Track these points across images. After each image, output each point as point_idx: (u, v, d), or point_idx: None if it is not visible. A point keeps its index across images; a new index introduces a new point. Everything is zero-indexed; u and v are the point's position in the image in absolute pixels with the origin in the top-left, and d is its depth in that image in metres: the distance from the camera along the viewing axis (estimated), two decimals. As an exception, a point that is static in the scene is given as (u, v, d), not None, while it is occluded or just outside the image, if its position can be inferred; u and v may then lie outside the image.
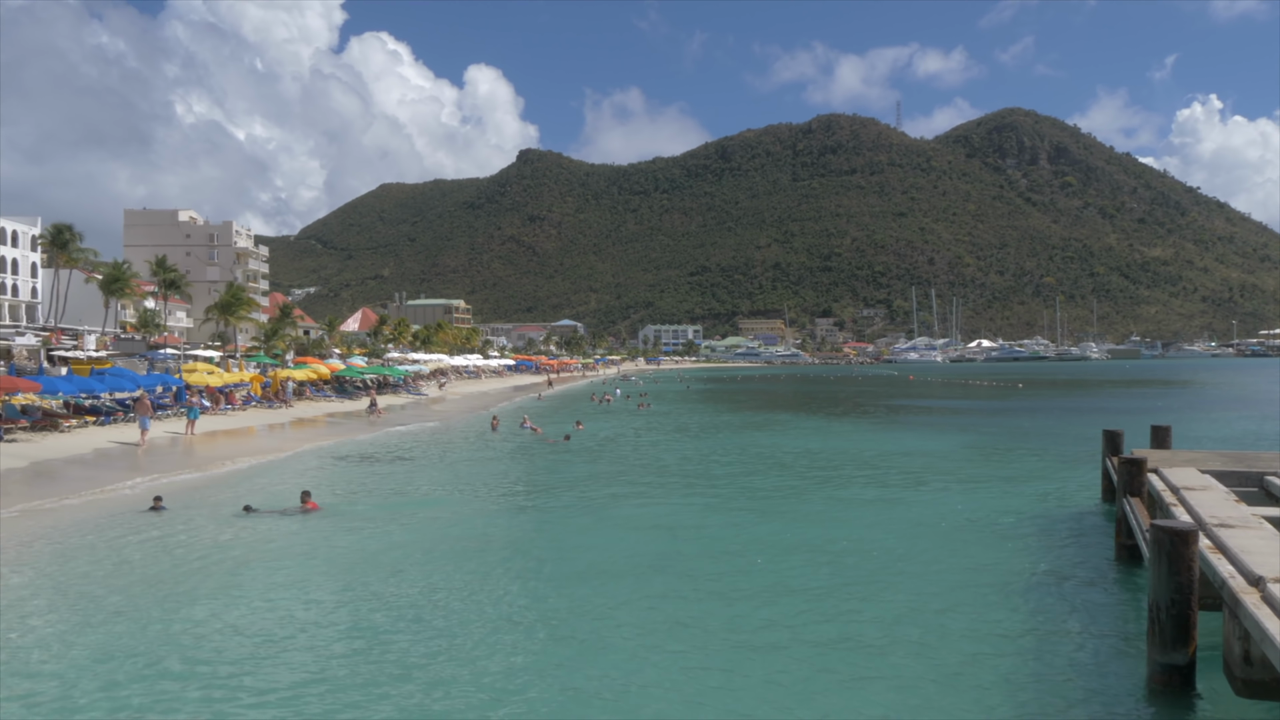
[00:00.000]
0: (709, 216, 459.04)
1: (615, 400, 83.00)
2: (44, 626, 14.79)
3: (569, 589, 17.27)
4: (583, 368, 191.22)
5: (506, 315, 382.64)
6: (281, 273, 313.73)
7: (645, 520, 24.67)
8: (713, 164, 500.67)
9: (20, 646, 13.79)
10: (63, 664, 13.02)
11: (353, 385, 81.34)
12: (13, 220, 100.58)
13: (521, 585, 17.61)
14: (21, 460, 33.65)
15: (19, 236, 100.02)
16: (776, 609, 15.83)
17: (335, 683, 12.38)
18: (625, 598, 16.59)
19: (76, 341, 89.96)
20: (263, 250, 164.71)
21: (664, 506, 27.14)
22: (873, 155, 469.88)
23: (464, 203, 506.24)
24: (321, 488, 28.60)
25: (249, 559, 19.91)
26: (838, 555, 20.21)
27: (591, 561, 19.65)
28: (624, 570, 18.78)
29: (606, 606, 15.95)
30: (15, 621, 15.09)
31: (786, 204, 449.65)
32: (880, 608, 15.94)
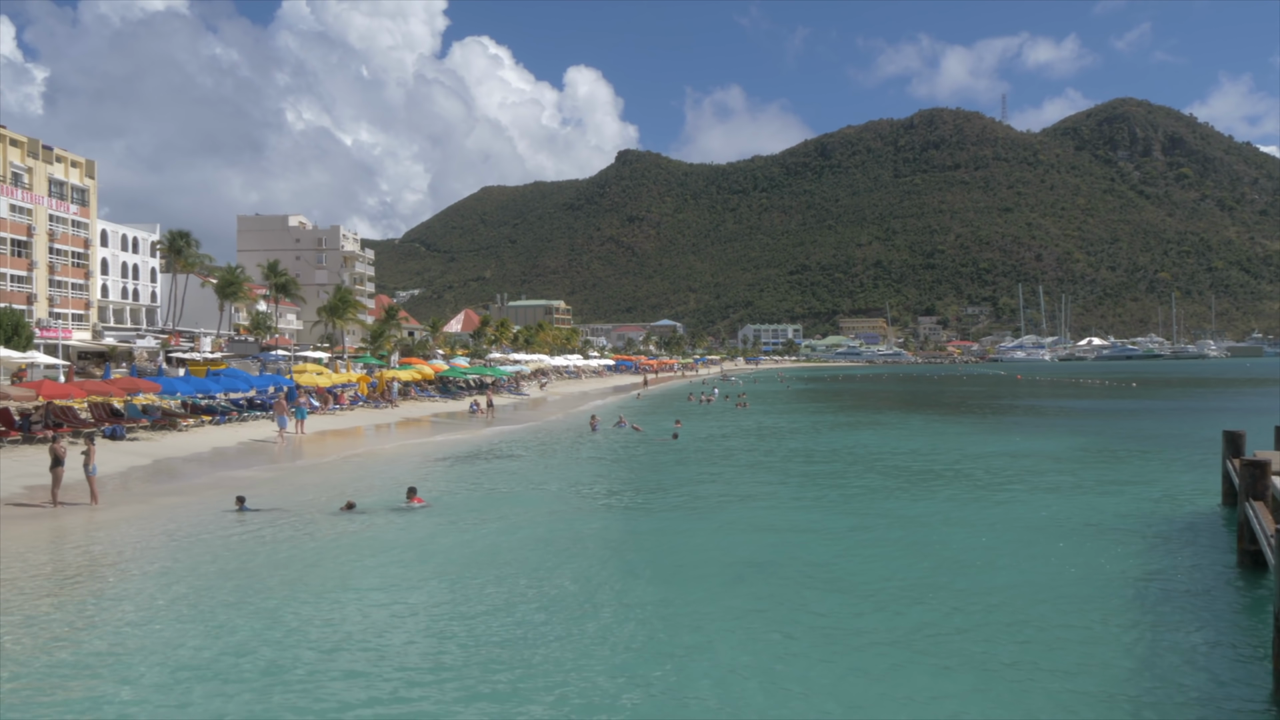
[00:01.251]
0: (809, 215, 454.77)
1: (714, 400, 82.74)
2: (163, 620, 15.29)
3: (674, 589, 17.22)
4: (682, 368, 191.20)
5: (606, 316, 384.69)
6: (387, 275, 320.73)
7: (748, 520, 24.51)
8: (812, 161, 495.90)
9: (141, 638, 14.28)
10: (179, 656, 13.43)
11: (456, 385, 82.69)
12: (134, 227, 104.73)
13: (626, 584, 17.61)
14: (145, 458, 35.01)
15: (139, 243, 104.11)
16: (883, 611, 15.55)
17: (440, 678, 12.53)
18: (729, 598, 16.48)
19: (193, 343, 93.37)
20: (369, 253, 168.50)
21: (766, 506, 26.94)
22: (977, 150, 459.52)
23: (564, 204, 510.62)
24: (426, 485, 29.08)
25: (357, 554, 20.33)
26: (945, 558, 19.78)
27: (695, 561, 19.58)
28: (728, 570, 18.66)
29: (712, 607, 15.86)
30: (136, 614, 15.66)
31: (888, 200, 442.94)
32: (989, 613, 15.54)
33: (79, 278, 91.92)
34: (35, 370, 56.95)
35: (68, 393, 39.12)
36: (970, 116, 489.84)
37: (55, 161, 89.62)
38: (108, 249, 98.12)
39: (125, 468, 32.47)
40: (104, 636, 14.38)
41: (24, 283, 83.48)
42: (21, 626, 14.87)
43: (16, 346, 58.19)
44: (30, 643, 14.01)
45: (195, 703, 11.71)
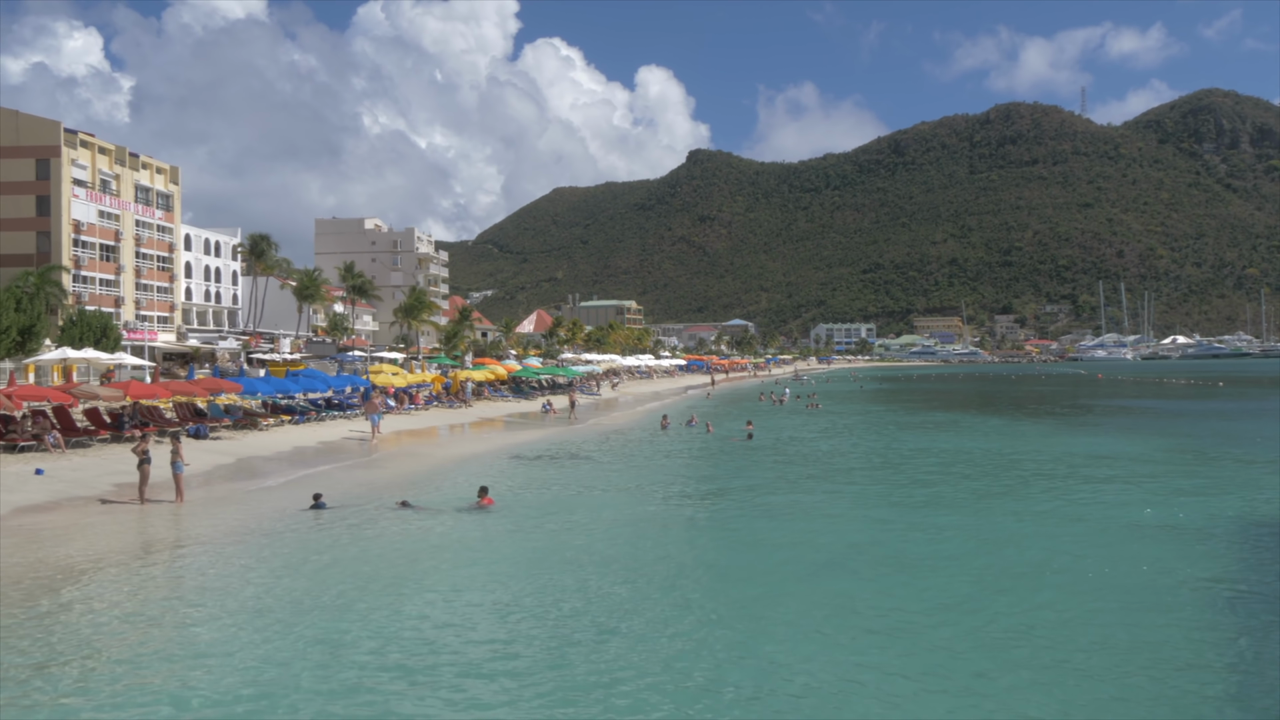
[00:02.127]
0: (882, 212, 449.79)
1: (787, 400, 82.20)
2: (243, 613, 15.59)
3: (752, 589, 17.10)
4: (754, 367, 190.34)
5: (677, 315, 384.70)
6: (460, 276, 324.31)
7: (825, 521, 24.29)
8: (885, 159, 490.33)
9: (222, 630, 14.58)
10: (255, 648, 13.67)
11: (529, 386, 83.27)
12: (217, 232, 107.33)
13: (703, 585, 17.51)
14: (229, 457, 35.83)
15: (221, 247, 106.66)
16: (961, 613, 15.27)
17: (513, 679, 12.56)
18: (807, 599, 16.32)
19: (273, 345, 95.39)
20: (442, 255, 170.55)
21: (842, 507, 26.66)
22: (1055, 144, 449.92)
23: (635, 204, 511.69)
24: (498, 485, 29.28)
25: (427, 553, 20.54)
26: (1027, 562, 19.37)
27: (769, 562, 19.44)
28: (806, 571, 18.50)
29: (790, 608, 15.72)
30: (218, 607, 15.99)
31: (963, 197, 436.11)
32: (1074, 624, 15.14)
33: (164, 281, 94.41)
34: (123, 371, 58.61)
35: (154, 393, 40.17)
36: (1048, 110, 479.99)
37: (141, 168, 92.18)
38: (191, 253, 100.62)
39: (210, 466, 33.23)
40: (187, 628, 14.70)
41: (112, 286, 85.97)
42: (111, 618, 15.28)
43: (105, 348, 59.91)
44: (118, 633, 14.37)
45: (270, 694, 11.89)
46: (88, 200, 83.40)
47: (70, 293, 75.89)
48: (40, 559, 19.52)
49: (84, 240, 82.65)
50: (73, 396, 36.08)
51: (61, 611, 15.79)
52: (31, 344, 56.31)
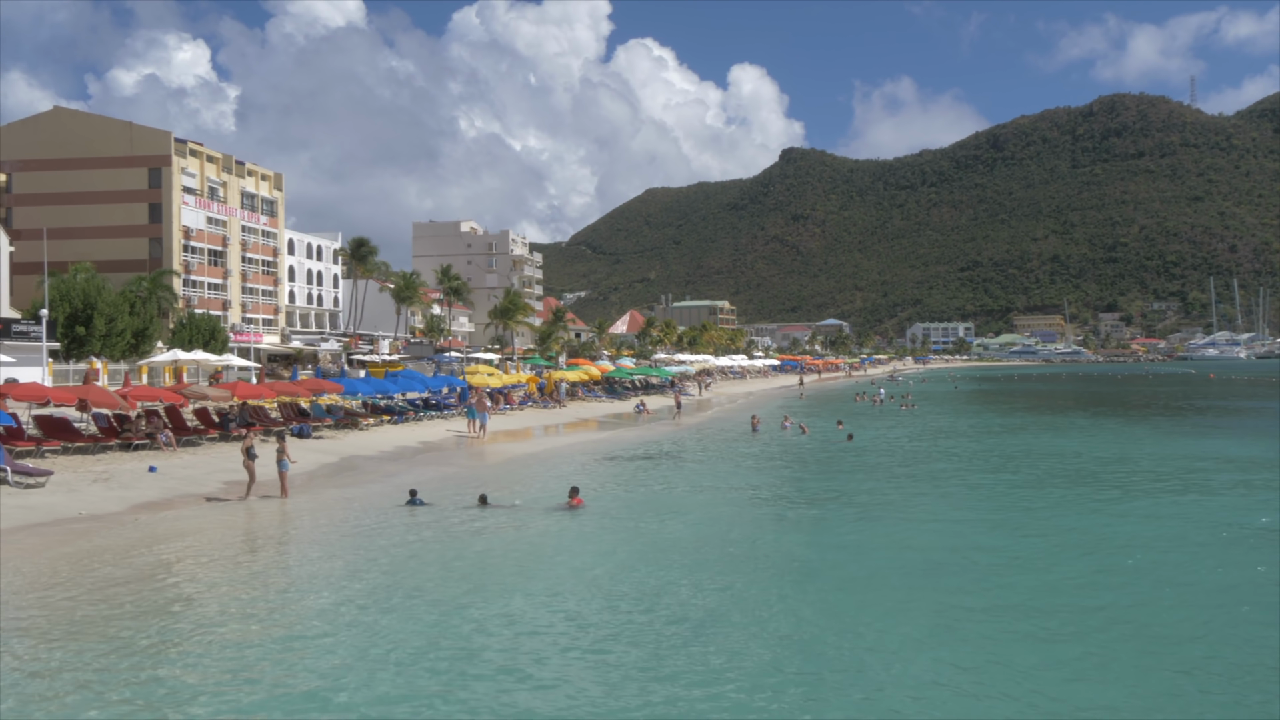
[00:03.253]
0: (980, 209, 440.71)
1: (882, 401, 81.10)
2: (349, 609, 15.96)
3: (850, 594, 16.91)
4: (848, 367, 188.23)
5: (771, 315, 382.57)
6: (554, 278, 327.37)
7: (924, 523, 23.89)
8: (983, 154, 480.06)
9: (323, 624, 14.95)
10: (363, 643, 13.99)
11: (622, 386, 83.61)
12: (318, 236, 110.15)
13: (799, 589, 17.38)
14: (332, 455, 36.76)
15: (323, 250, 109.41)
16: (1062, 618, 14.89)
17: (607, 680, 12.64)
18: (906, 603, 16.07)
19: (372, 346, 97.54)
20: (537, 257, 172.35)
21: (942, 510, 26.20)
22: (1163, 136, 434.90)
23: (727, 204, 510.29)
24: (590, 485, 29.45)
25: (517, 551, 20.77)
26: (1135, 572, 18.77)
27: (861, 567, 19.20)
28: (905, 574, 18.21)
29: (888, 612, 15.50)
30: (320, 601, 16.42)
31: (1065, 192, 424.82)
32: (1187, 642, 14.66)
33: (269, 285, 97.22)
34: (230, 372, 60.50)
35: (260, 393, 41.39)
36: (1155, 101, 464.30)
37: (247, 175, 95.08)
38: (294, 257, 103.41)
39: (315, 465, 34.12)
40: (290, 623, 15.10)
41: (220, 290, 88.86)
42: (218, 611, 15.80)
43: (214, 350, 61.99)
44: (224, 626, 14.85)
45: (367, 686, 12.14)
46: (196, 207, 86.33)
47: (180, 297, 78.68)
48: (154, 553, 20.28)
49: (193, 246, 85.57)
50: (183, 397, 37.34)
51: (172, 604, 16.38)
52: (145, 346, 58.58)
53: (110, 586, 17.22)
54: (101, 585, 17.30)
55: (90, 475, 28.26)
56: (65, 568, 18.70)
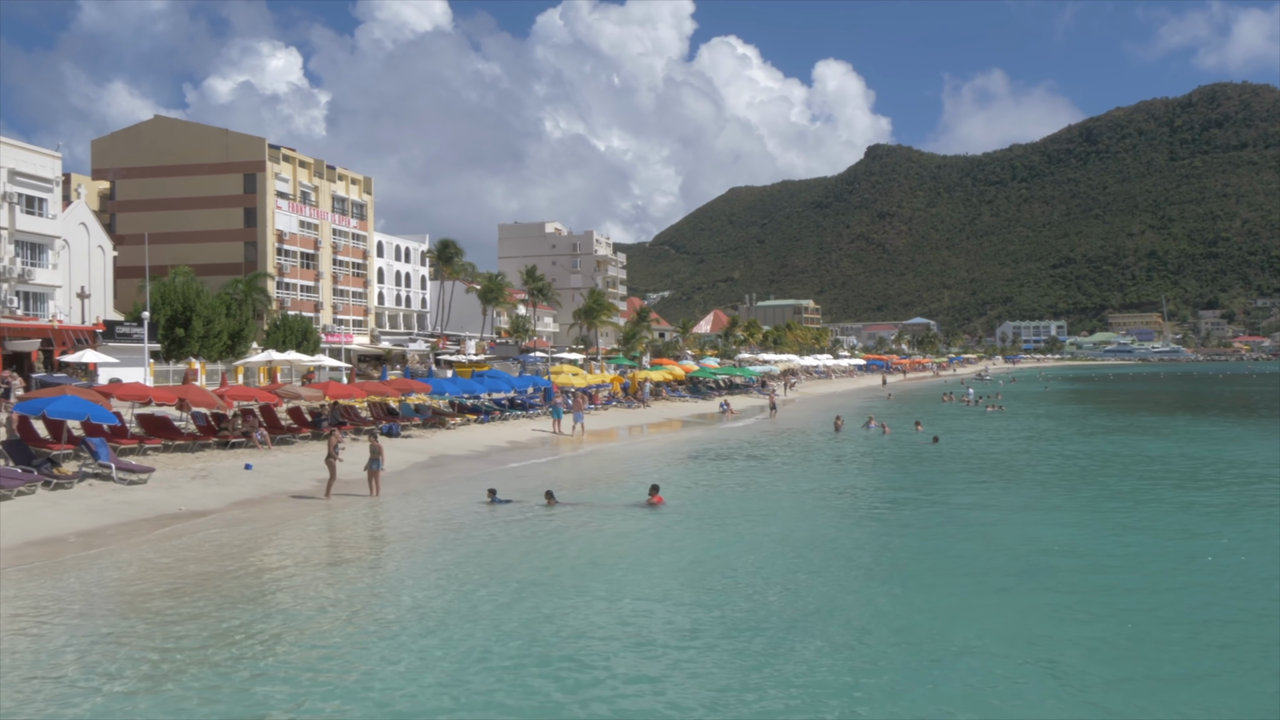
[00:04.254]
0: (1073, 204, 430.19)
1: (971, 401, 79.70)
2: (434, 607, 16.26)
3: (935, 597, 16.68)
4: (936, 367, 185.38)
5: (856, 314, 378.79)
6: (638, 278, 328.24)
7: (1010, 527, 23.46)
8: (1076, 148, 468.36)
9: (404, 618, 15.26)
10: (448, 639, 14.24)
11: (706, 386, 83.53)
12: (406, 238, 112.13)
13: (874, 592, 17.22)
14: (422, 454, 37.46)
15: (411, 252, 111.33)
16: (1155, 627, 14.53)
17: (685, 680, 12.67)
18: (994, 608, 15.84)
19: (459, 346, 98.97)
20: (620, 257, 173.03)
21: (1030, 514, 25.68)
22: (1267, 126, 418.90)
23: (812, 202, 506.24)
24: (672, 484, 29.50)
25: (596, 549, 20.90)
26: (1232, 582, 18.23)
27: (944, 569, 18.94)
28: (990, 579, 17.91)
29: (975, 617, 15.29)
30: (404, 595, 16.76)
31: (1163, 186, 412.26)
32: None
33: (358, 286, 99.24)
34: (321, 372, 61.95)
35: (350, 393, 42.31)
36: (1259, 90, 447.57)
37: (338, 179, 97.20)
38: (383, 259, 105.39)
39: (405, 464, 34.81)
40: (377, 616, 15.46)
41: (312, 292, 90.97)
42: (309, 606, 16.25)
43: (306, 351, 63.50)
44: (314, 620, 15.25)
45: (455, 686, 12.36)
46: (290, 211, 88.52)
47: (274, 299, 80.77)
48: (250, 548, 20.91)
49: (286, 249, 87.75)
50: (277, 396, 38.36)
51: (266, 597, 16.89)
52: (240, 347, 60.30)
53: (208, 580, 17.81)
54: (200, 578, 17.89)
55: (189, 472, 29.21)
56: (166, 561, 19.38)
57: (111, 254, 67.40)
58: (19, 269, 57.05)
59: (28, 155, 59.36)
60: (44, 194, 59.92)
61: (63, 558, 19.62)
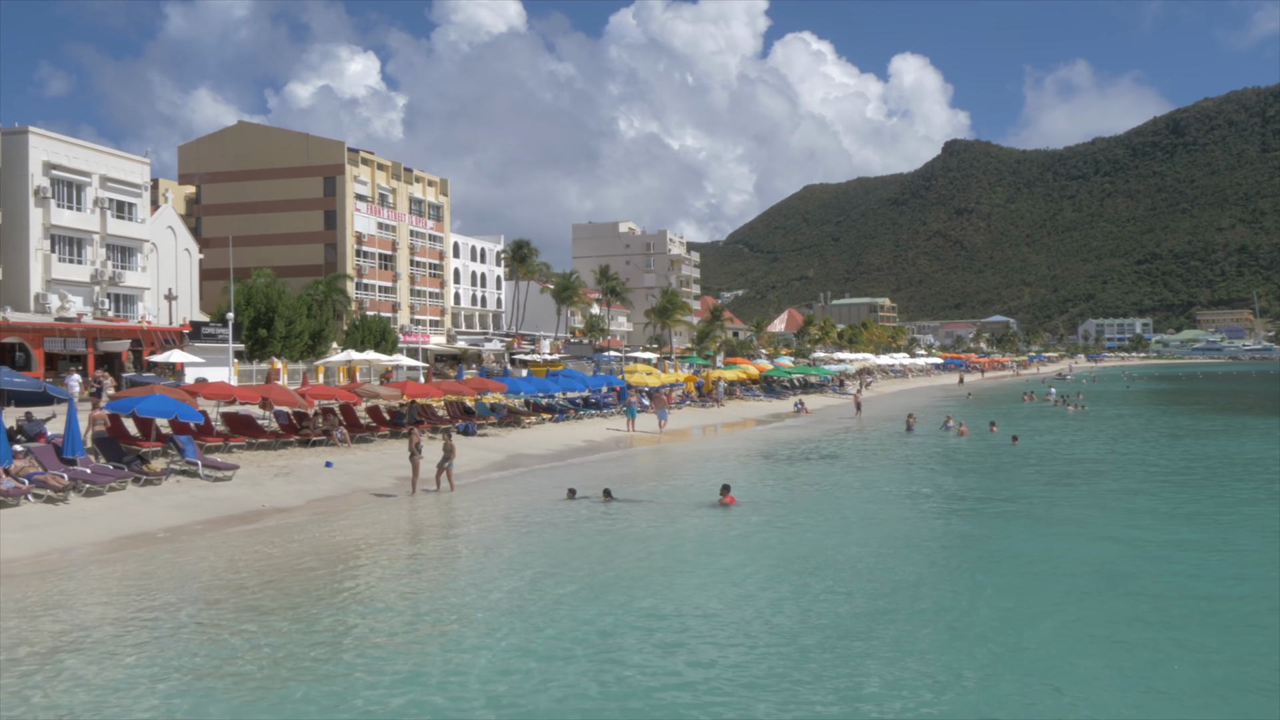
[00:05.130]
0: (1158, 198, 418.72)
1: (1053, 399, 78.09)
2: (509, 602, 16.41)
3: (1011, 600, 16.39)
4: (1015, 366, 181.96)
5: (933, 312, 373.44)
6: (711, 277, 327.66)
7: (1091, 531, 22.92)
8: (1162, 140, 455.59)
9: (486, 618, 15.41)
10: (523, 635, 14.36)
11: (780, 385, 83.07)
12: (481, 239, 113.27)
13: (950, 597, 16.94)
14: (498, 453, 37.86)
15: (486, 253, 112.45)
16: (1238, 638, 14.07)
17: (761, 680, 12.61)
18: (1072, 613, 15.49)
19: (534, 346, 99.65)
20: (694, 256, 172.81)
21: (1111, 517, 25.09)
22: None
23: (887, 199, 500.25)
24: (744, 484, 29.40)
25: (672, 549, 20.91)
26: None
27: (1032, 572, 18.57)
28: (1070, 583, 17.53)
29: (1054, 623, 14.99)
30: (484, 596, 16.93)
31: (1255, 178, 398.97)
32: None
33: (435, 287, 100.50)
34: (399, 371, 62.89)
35: (427, 392, 42.89)
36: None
37: (414, 181, 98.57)
38: (459, 260, 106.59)
39: (481, 462, 35.21)
40: (455, 611, 15.65)
41: (389, 293, 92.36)
42: (388, 601, 16.52)
43: (384, 351, 64.55)
44: (394, 614, 15.49)
45: (527, 682, 12.45)
46: (368, 213, 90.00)
47: (353, 299, 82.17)
48: (330, 544, 21.32)
49: (365, 250, 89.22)
50: (357, 395, 39.03)
51: (346, 592, 17.22)
52: (321, 347, 61.48)
53: (291, 574, 18.20)
54: (283, 572, 18.30)
55: (272, 470, 29.85)
56: (251, 556, 19.85)
57: (197, 257, 69.18)
58: (110, 272, 58.84)
59: (118, 162, 61.18)
60: (133, 199, 61.71)
61: (152, 551, 20.20)
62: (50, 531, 20.87)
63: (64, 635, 14.25)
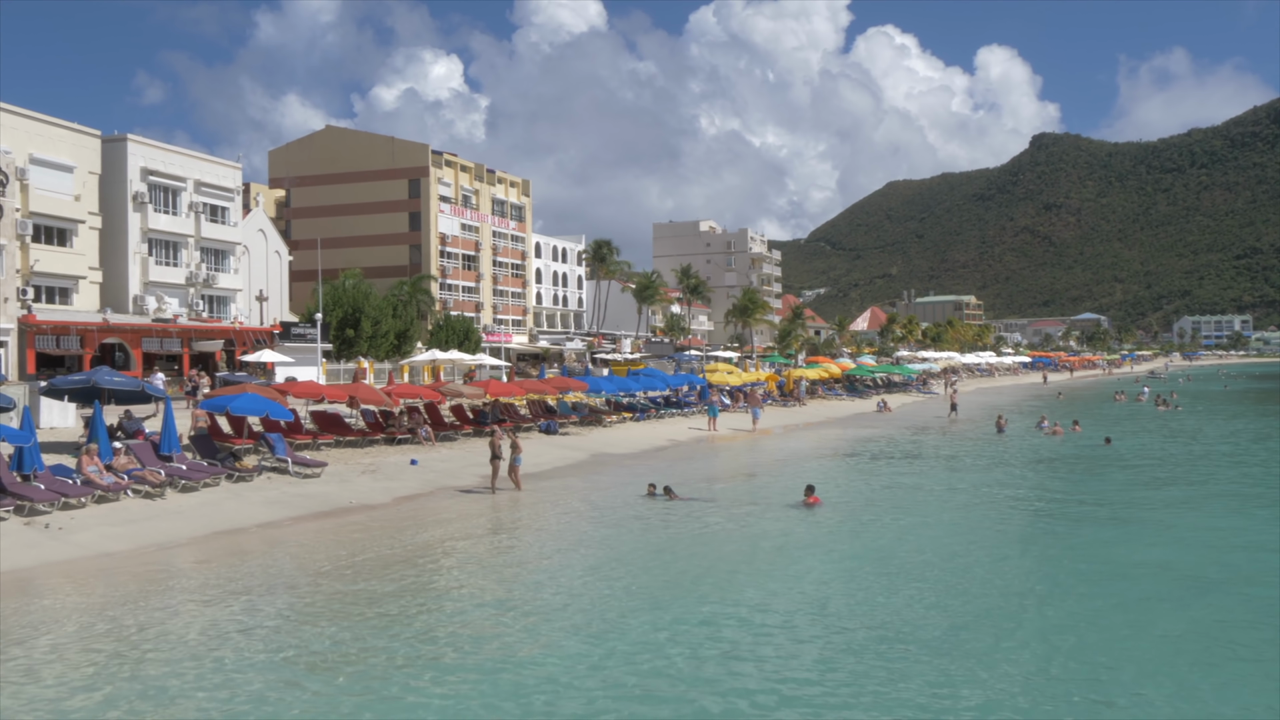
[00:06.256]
0: (1259, 190, 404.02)
1: (1144, 398, 75.94)
2: (588, 599, 16.48)
3: (1105, 604, 15.99)
4: (1107, 364, 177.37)
5: (1021, 310, 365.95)
6: (793, 275, 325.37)
7: (1191, 536, 22.23)
8: (1264, 130, 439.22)
9: (565, 617, 15.50)
10: (603, 633, 14.40)
11: (863, 384, 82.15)
12: (562, 239, 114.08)
13: (1040, 607, 16.52)
14: (581, 452, 38.10)
15: (567, 253, 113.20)
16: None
17: (843, 682, 12.48)
18: (1171, 622, 15.05)
19: (615, 345, 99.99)
20: (775, 255, 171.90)
21: (1208, 524, 24.30)
22: None
23: (973, 195, 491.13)
24: (828, 484, 29.11)
25: (756, 549, 20.80)
26: None
27: (1130, 577, 18.07)
28: (1169, 590, 17.05)
29: (1150, 631, 14.58)
30: (564, 593, 17.03)
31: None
32: None
33: (517, 287, 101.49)
34: (482, 371, 63.59)
35: (510, 391, 43.31)
36: None
37: (497, 183, 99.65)
38: (541, 260, 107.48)
39: (564, 461, 35.48)
40: (537, 607, 15.77)
41: (473, 293, 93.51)
42: (472, 594, 16.72)
43: (467, 350, 65.33)
44: (477, 610, 15.68)
45: (607, 677, 12.48)
46: (452, 215, 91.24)
47: (437, 300, 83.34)
48: (416, 540, 21.66)
49: (448, 251, 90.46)
50: (441, 394, 39.59)
51: (432, 588, 17.48)
52: (406, 347, 62.47)
53: (378, 569, 18.53)
54: (370, 568, 18.63)
55: (359, 467, 30.42)
56: (340, 552, 20.25)
57: (287, 259, 70.78)
58: (204, 274, 60.53)
59: (212, 167, 62.92)
60: (226, 203, 63.40)
61: (245, 546, 20.74)
62: (148, 526, 21.55)
63: (159, 627, 14.68)
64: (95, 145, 54.64)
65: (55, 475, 22.60)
